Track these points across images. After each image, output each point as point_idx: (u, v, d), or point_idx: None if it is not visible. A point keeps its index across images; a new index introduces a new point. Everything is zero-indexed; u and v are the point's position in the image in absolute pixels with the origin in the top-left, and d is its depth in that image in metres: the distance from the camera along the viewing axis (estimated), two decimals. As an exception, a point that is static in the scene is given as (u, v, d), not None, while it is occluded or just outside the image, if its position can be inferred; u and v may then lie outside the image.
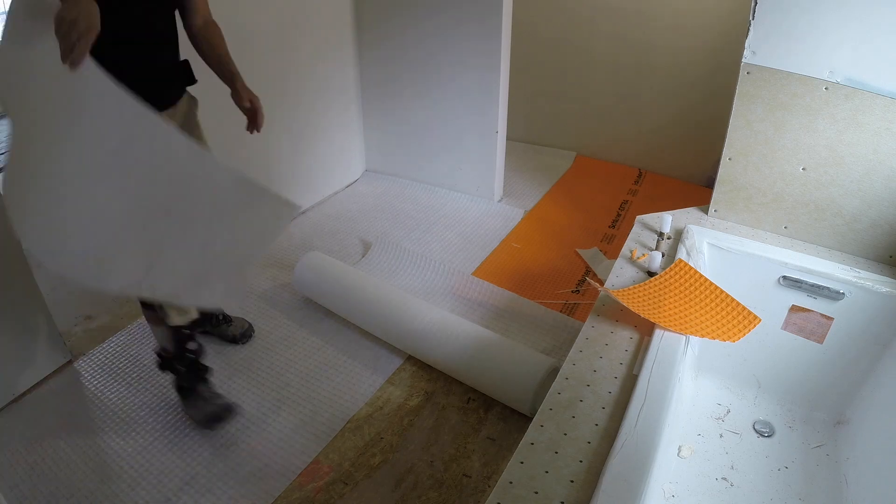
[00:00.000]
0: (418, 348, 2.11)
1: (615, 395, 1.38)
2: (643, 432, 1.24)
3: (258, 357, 2.20)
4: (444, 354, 2.04)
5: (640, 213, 2.13)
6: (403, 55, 3.11)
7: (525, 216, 3.14)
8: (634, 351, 1.52)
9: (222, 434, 1.88)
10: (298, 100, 2.92)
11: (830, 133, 1.74)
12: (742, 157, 1.92)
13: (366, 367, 2.15)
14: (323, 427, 1.91)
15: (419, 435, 1.89)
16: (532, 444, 1.25)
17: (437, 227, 3.03)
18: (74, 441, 1.85)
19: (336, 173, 3.35)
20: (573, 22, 3.48)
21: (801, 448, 1.77)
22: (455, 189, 3.32)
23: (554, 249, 2.87)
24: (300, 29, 2.82)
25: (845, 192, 1.79)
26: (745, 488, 1.65)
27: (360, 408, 1.98)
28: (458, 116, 3.11)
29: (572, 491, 1.15)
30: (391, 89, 3.25)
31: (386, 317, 2.18)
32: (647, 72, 3.38)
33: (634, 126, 3.55)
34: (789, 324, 1.84)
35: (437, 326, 2.09)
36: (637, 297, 1.65)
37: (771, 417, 1.87)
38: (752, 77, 1.79)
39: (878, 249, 1.81)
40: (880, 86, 1.62)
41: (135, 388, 2.04)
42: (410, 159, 3.40)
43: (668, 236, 1.92)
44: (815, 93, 1.71)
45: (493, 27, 2.80)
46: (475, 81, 2.97)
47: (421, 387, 2.07)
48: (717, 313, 1.61)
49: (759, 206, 1.96)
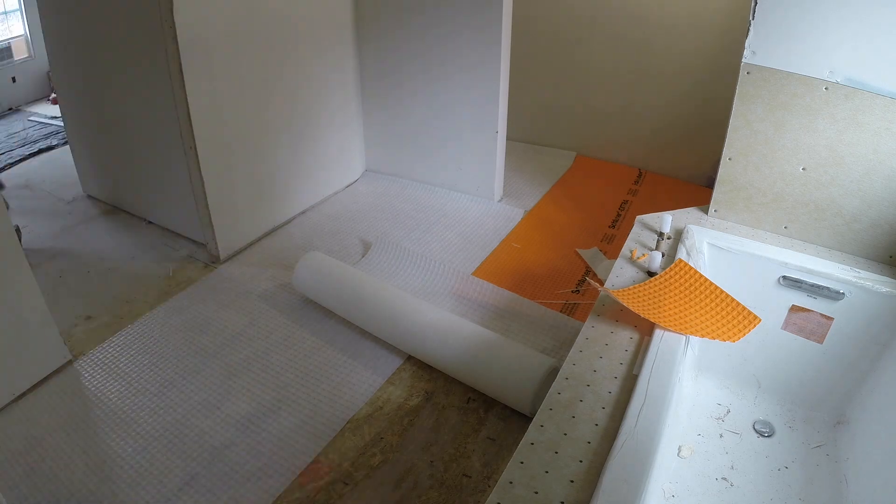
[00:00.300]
0: (418, 349, 2.11)
1: (615, 395, 1.38)
2: (643, 432, 1.24)
3: (258, 357, 2.20)
4: (444, 355, 2.04)
5: (640, 213, 2.13)
6: (403, 55, 3.11)
7: (525, 216, 3.14)
8: (634, 351, 1.52)
9: (222, 434, 1.88)
10: (298, 100, 2.92)
11: (830, 133, 1.74)
12: (742, 157, 1.92)
13: (366, 367, 2.15)
14: (323, 427, 1.91)
15: (419, 435, 1.89)
16: (532, 444, 1.25)
17: (437, 227, 3.03)
18: (74, 441, 1.85)
19: (336, 173, 3.35)
20: (573, 22, 3.48)
21: (801, 448, 1.77)
22: (455, 189, 3.32)
23: (554, 249, 2.87)
24: (300, 29, 2.82)
25: (845, 192, 1.79)
26: (745, 488, 1.65)
27: (360, 408, 1.98)
28: (458, 116, 3.11)
29: (572, 491, 1.15)
30: (391, 88, 3.25)
31: (385, 317, 2.18)
32: (648, 72, 3.38)
33: (634, 126, 3.55)
34: (789, 324, 1.84)
35: (437, 327, 2.08)
36: (637, 297, 1.65)
37: (771, 417, 1.87)
38: (752, 77, 1.79)
39: (878, 249, 1.81)
40: (880, 86, 1.62)
41: (135, 388, 2.05)
42: (410, 159, 3.40)
43: (668, 236, 1.92)
44: (815, 93, 1.71)
45: (493, 27, 2.80)
46: (475, 81, 2.97)
47: (421, 387, 2.07)
48: (717, 313, 1.61)
49: (759, 206, 1.96)
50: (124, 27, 2.46)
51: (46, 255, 2.78)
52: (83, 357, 2.18)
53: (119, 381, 2.08)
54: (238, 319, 2.39)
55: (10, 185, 3.41)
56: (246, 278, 2.63)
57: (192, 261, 2.74)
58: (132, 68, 2.54)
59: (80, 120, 3.05)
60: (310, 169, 3.13)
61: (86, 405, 1.99)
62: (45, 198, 3.29)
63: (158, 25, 2.25)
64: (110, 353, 2.21)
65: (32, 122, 4.36)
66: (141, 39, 2.40)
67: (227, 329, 2.33)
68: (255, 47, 2.61)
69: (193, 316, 2.40)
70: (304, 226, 3.05)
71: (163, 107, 2.45)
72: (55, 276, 2.63)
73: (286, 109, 2.87)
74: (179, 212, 2.82)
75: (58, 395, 2.02)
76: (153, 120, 2.59)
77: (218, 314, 2.41)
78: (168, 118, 2.46)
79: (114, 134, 2.85)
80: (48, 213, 3.13)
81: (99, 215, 3.11)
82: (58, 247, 2.86)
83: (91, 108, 2.90)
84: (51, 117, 4.39)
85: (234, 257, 2.78)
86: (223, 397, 2.02)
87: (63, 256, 2.78)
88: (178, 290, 2.53)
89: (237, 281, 2.61)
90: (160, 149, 2.64)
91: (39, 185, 3.44)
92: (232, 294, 2.53)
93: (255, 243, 2.89)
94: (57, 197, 3.28)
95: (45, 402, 1.99)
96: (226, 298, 2.51)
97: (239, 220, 2.79)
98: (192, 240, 2.83)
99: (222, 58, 2.46)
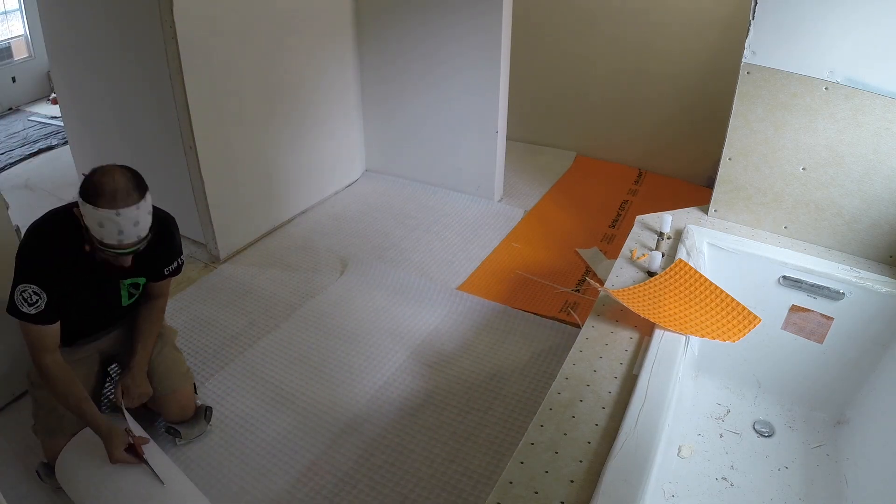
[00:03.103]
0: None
1: (615, 395, 1.38)
2: (643, 432, 1.24)
3: (258, 357, 2.20)
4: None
5: (640, 213, 2.13)
6: (403, 55, 3.11)
7: (525, 216, 3.14)
8: (634, 351, 1.52)
9: (222, 434, 1.88)
10: (299, 100, 2.92)
11: (830, 133, 1.74)
12: (742, 157, 1.92)
13: (366, 366, 2.15)
14: (323, 427, 1.91)
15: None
16: (532, 444, 1.25)
17: (437, 227, 3.03)
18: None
19: (336, 173, 3.35)
20: (574, 22, 3.48)
21: (801, 448, 1.77)
22: (455, 189, 3.31)
23: (554, 249, 2.87)
24: (300, 29, 2.82)
25: (845, 192, 1.79)
26: (745, 488, 1.65)
27: (361, 408, 1.98)
28: (458, 116, 3.11)
29: (572, 491, 1.15)
30: (391, 89, 3.25)
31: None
32: (648, 72, 3.37)
33: (634, 126, 3.55)
34: (789, 324, 1.84)
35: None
36: (637, 297, 1.65)
37: (771, 417, 1.87)
38: (752, 77, 1.79)
39: (878, 249, 1.81)
40: (880, 86, 1.62)
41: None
42: (410, 159, 3.40)
43: (668, 236, 1.92)
44: (815, 93, 1.71)
45: (493, 27, 2.80)
46: (475, 81, 2.97)
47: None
48: (717, 313, 1.61)
49: (759, 206, 1.96)
50: (124, 27, 2.46)
51: (46, 255, 2.78)
52: (83, 357, 2.18)
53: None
54: (238, 319, 2.39)
55: (10, 185, 3.41)
56: (246, 278, 2.63)
57: (192, 261, 2.74)
58: (132, 68, 2.54)
59: (80, 120, 3.05)
60: (310, 169, 3.13)
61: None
62: (45, 198, 3.29)
63: (158, 25, 2.25)
64: (110, 353, 2.20)
65: (32, 122, 4.36)
66: (141, 39, 2.40)
67: (226, 329, 2.33)
68: (256, 47, 2.61)
69: (193, 316, 2.40)
70: (304, 226, 3.05)
71: (163, 107, 2.45)
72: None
73: (286, 109, 2.87)
74: (179, 212, 2.80)
75: (58, 395, 2.02)
76: (153, 120, 2.59)
77: (218, 314, 2.41)
78: (168, 118, 2.46)
79: (114, 134, 2.85)
80: (48, 213, 3.13)
81: (99, 215, 3.11)
82: (58, 247, 2.85)
83: (91, 108, 2.90)
84: (51, 117, 4.39)
85: (234, 257, 2.78)
86: (222, 397, 2.02)
87: (63, 256, 2.77)
88: (177, 290, 2.53)
89: (237, 281, 2.61)
90: (160, 149, 2.64)
91: (39, 185, 3.44)
92: (232, 294, 2.53)
93: (255, 243, 2.89)
94: (57, 197, 3.28)
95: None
96: (226, 298, 2.51)
97: (239, 220, 2.79)
98: (191, 240, 2.82)
99: (222, 58, 2.46)
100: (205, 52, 2.36)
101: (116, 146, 2.89)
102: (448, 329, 2.34)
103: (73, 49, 2.81)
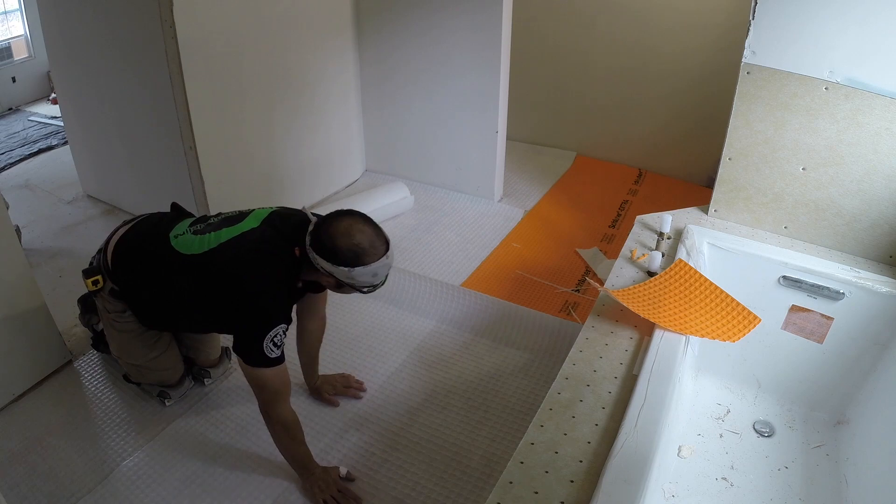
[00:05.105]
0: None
1: (615, 395, 1.38)
2: (643, 432, 1.24)
3: (258, 357, 2.19)
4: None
5: (640, 213, 2.13)
6: (403, 55, 3.11)
7: (525, 216, 3.14)
8: (634, 351, 1.52)
9: (222, 435, 1.88)
10: (298, 99, 2.92)
11: (830, 133, 1.74)
12: (742, 157, 1.92)
13: (366, 365, 2.15)
14: (324, 426, 1.91)
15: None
16: (532, 444, 1.25)
17: (437, 227, 3.03)
18: (74, 441, 1.85)
19: (336, 173, 3.35)
20: (574, 21, 3.48)
21: (801, 448, 1.77)
22: (455, 189, 3.31)
23: (554, 249, 2.87)
24: (300, 30, 2.82)
25: (845, 192, 1.79)
26: (745, 488, 1.66)
27: (362, 407, 1.98)
28: (458, 116, 3.11)
29: (572, 491, 1.15)
30: (391, 89, 3.25)
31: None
32: (648, 72, 3.37)
33: (634, 126, 3.55)
34: (789, 324, 1.84)
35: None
36: (637, 297, 1.65)
37: (771, 417, 1.87)
38: (752, 77, 1.79)
39: (878, 249, 1.81)
40: (880, 86, 1.63)
41: (134, 388, 2.04)
42: (410, 159, 3.40)
43: (668, 236, 1.92)
44: (815, 93, 1.72)
45: (493, 27, 2.80)
46: (475, 81, 2.97)
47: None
48: (717, 313, 1.61)
49: (759, 206, 1.96)
50: (124, 27, 2.46)
51: (46, 255, 2.78)
52: (83, 357, 2.18)
53: (119, 380, 2.07)
54: (238, 319, 2.38)
55: (9, 185, 3.41)
56: (246, 278, 2.63)
57: (192, 261, 2.73)
58: (132, 68, 2.54)
59: (80, 120, 3.05)
60: (310, 168, 3.13)
61: (86, 405, 1.99)
62: (45, 198, 3.29)
63: (158, 25, 2.25)
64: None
65: (32, 122, 4.36)
66: (141, 39, 2.40)
67: (227, 329, 2.33)
68: (256, 47, 2.61)
69: (193, 316, 2.40)
70: (304, 226, 3.04)
71: (163, 107, 2.45)
72: (55, 276, 2.63)
73: (286, 109, 2.87)
74: (179, 212, 2.81)
75: (58, 395, 2.02)
76: (153, 120, 2.59)
77: (218, 314, 2.41)
78: (168, 118, 2.46)
79: (114, 134, 2.84)
80: (48, 213, 3.12)
81: (99, 215, 3.11)
82: (58, 247, 2.85)
83: (91, 108, 2.90)
84: (51, 117, 4.39)
85: (234, 257, 2.77)
86: (222, 397, 2.02)
87: (63, 256, 2.77)
88: (178, 290, 2.53)
89: (237, 281, 2.61)
90: (160, 149, 2.64)
91: (39, 185, 3.44)
92: (232, 294, 2.53)
93: (255, 243, 2.88)
94: (57, 197, 3.28)
95: (45, 402, 1.99)
96: (226, 298, 2.50)
97: (239, 220, 2.78)
98: (192, 240, 2.82)
99: (222, 57, 2.46)
100: (205, 52, 2.36)
101: (116, 146, 2.89)
102: (448, 329, 2.34)
103: (73, 49, 2.81)
